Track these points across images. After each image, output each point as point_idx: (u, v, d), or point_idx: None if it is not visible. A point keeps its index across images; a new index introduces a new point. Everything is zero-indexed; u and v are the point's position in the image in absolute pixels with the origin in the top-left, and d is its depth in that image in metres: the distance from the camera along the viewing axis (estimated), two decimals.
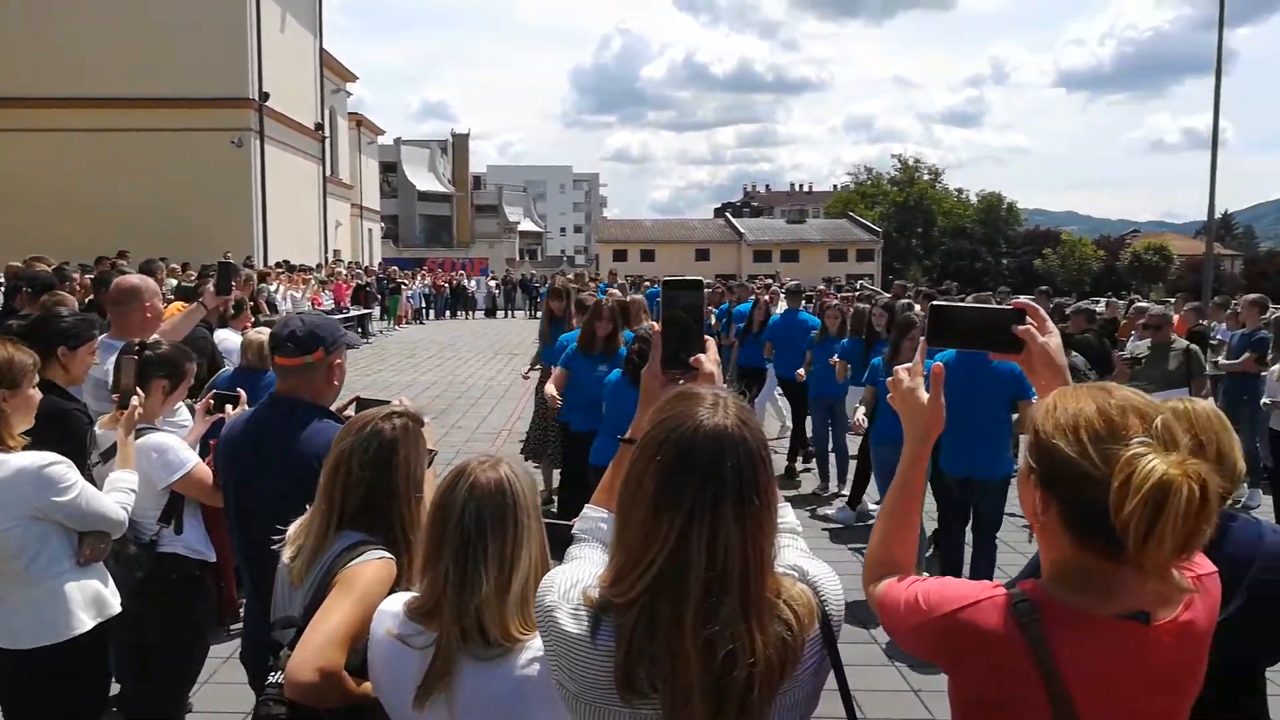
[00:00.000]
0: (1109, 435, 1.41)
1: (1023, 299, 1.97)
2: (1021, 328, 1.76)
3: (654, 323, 3.59)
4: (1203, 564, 1.57)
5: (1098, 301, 16.96)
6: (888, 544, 1.76)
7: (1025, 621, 1.43)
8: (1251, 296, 10.19)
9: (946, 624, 1.50)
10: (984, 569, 5.56)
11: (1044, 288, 17.18)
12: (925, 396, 1.75)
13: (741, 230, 70.92)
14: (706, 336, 1.90)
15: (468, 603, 1.86)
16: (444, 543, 1.90)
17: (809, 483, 9.31)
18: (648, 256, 65.38)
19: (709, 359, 1.83)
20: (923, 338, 1.87)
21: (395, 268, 37.75)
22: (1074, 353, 8.54)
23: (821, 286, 21.93)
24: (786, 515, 1.71)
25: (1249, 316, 9.52)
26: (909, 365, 1.80)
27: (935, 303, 1.89)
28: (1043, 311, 1.81)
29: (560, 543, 1.89)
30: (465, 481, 1.93)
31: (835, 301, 12.06)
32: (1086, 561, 1.45)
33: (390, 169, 63.65)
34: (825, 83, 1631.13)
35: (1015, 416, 5.63)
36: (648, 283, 23.52)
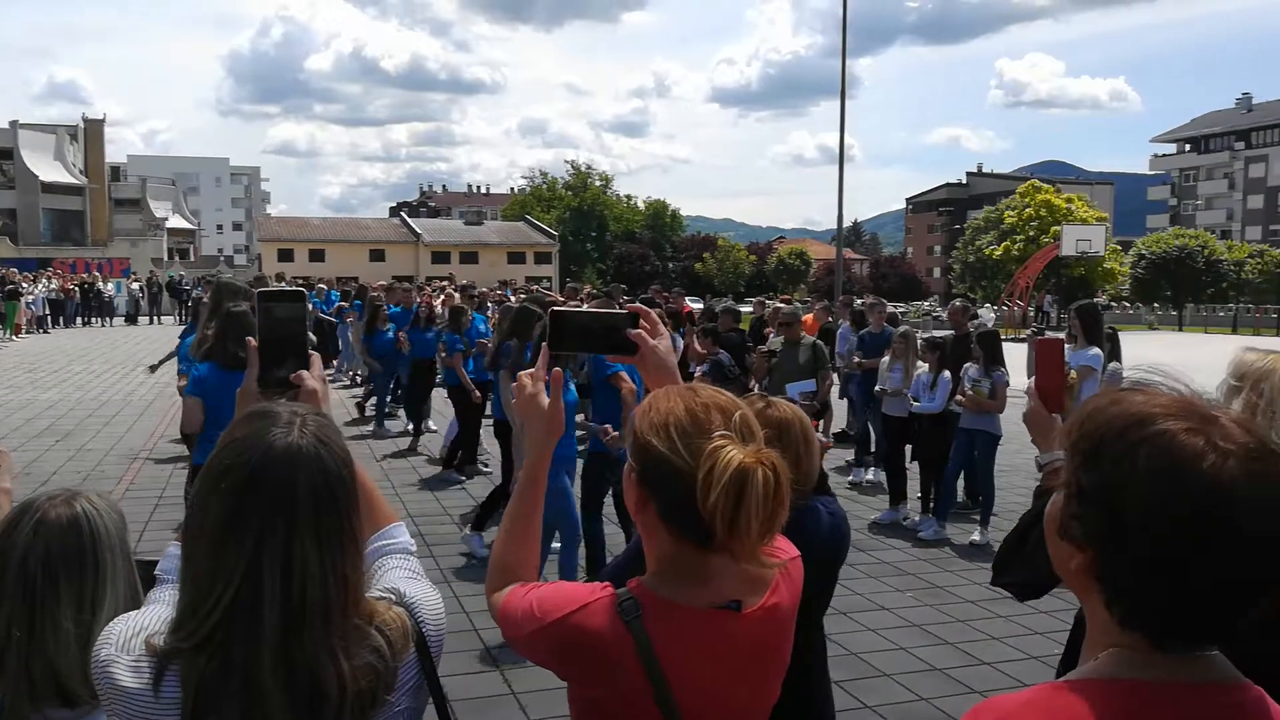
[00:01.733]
0: (695, 431, 1.47)
1: (688, 302, 2.03)
2: (634, 331, 1.83)
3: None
4: (787, 549, 1.68)
5: (749, 301, 18.49)
6: (510, 549, 1.74)
7: (629, 619, 1.47)
8: (871, 300, 11.57)
9: (558, 629, 1.51)
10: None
11: (677, 289, 18.57)
12: (546, 401, 1.76)
13: (418, 231, 69.63)
14: (313, 351, 1.78)
15: (37, 655, 1.68)
16: (2, 591, 1.71)
17: None
18: (317, 256, 62.26)
19: (312, 375, 1.73)
20: (544, 343, 1.88)
21: (13, 269, 33.04)
22: (720, 350, 9.21)
23: (498, 289, 21.97)
24: (399, 535, 1.65)
25: (875, 320, 10.71)
26: (532, 371, 1.80)
27: (554, 309, 1.92)
28: (654, 315, 1.89)
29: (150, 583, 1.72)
30: (30, 520, 1.76)
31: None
32: (684, 554, 1.50)
33: (6, 156, 55.76)
34: (500, 85, 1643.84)
35: None
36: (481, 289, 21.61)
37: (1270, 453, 0.99)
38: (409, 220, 74.74)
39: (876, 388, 9.08)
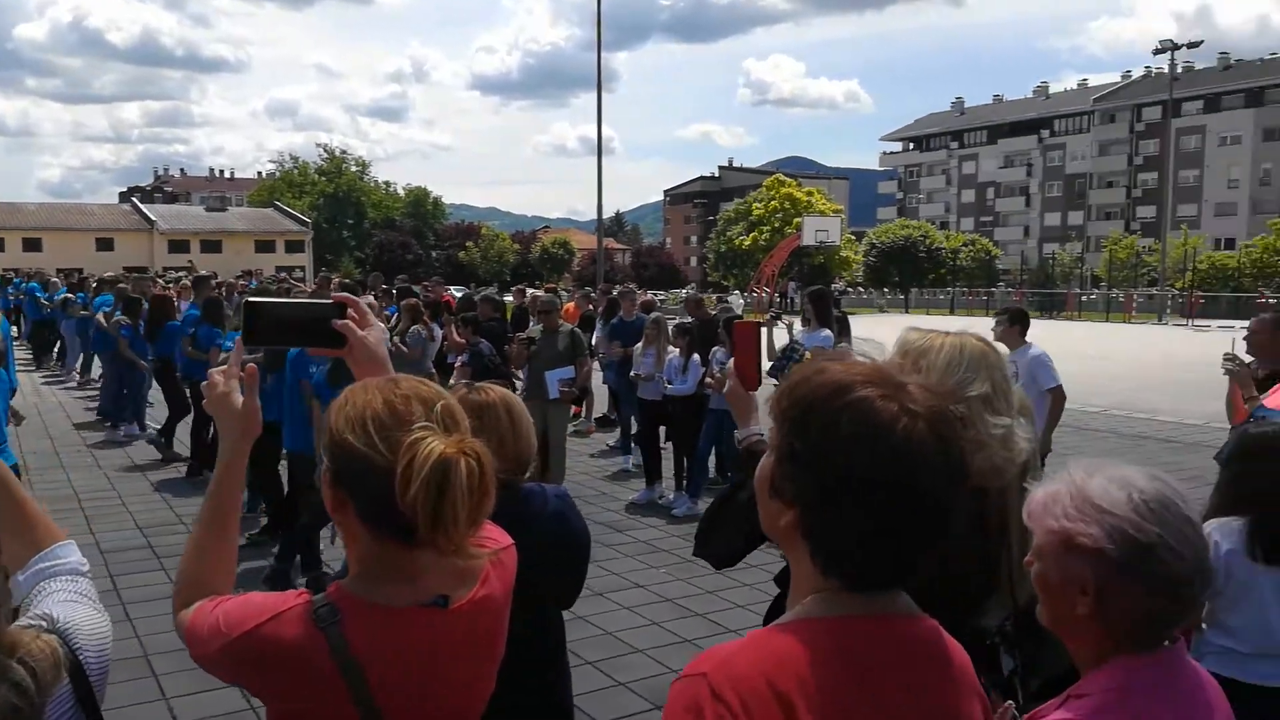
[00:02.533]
0: (394, 424, 1.42)
1: (451, 290, 1.96)
2: (340, 322, 1.74)
3: None
4: (499, 537, 1.68)
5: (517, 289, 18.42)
6: (201, 561, 1.63)
7: (325, 626, 1.41)
8: (621, 289, 11.90)
9: (249, 642, 1.43)
10: None
11: (436, 277, 18.29)
12: (240, 399, 1.67)
13: (153, 218, 64.15)
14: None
15: None
16: None
17: None
18: (33, 246, 56.00)
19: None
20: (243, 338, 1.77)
21: None
22: (480, 339, 9.15)
23: (240, 280, 20.66)
24: (66, 555, 1.53)
25: (627, 308, 11.00)
26: (223, 368, 1.69)
27: (249, 299, 1.78)
28: (363, 305, 1.80)
29: None
30: None
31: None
32: (386, 553, 1.45)
33: None
34: (244, 64, 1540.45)
35: None
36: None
37: (948, 416, 1.14)
38: (142, 206, 68.67)
39: (631, 373, 9.37)
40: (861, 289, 60.40)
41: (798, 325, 8.98)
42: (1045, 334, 29.43)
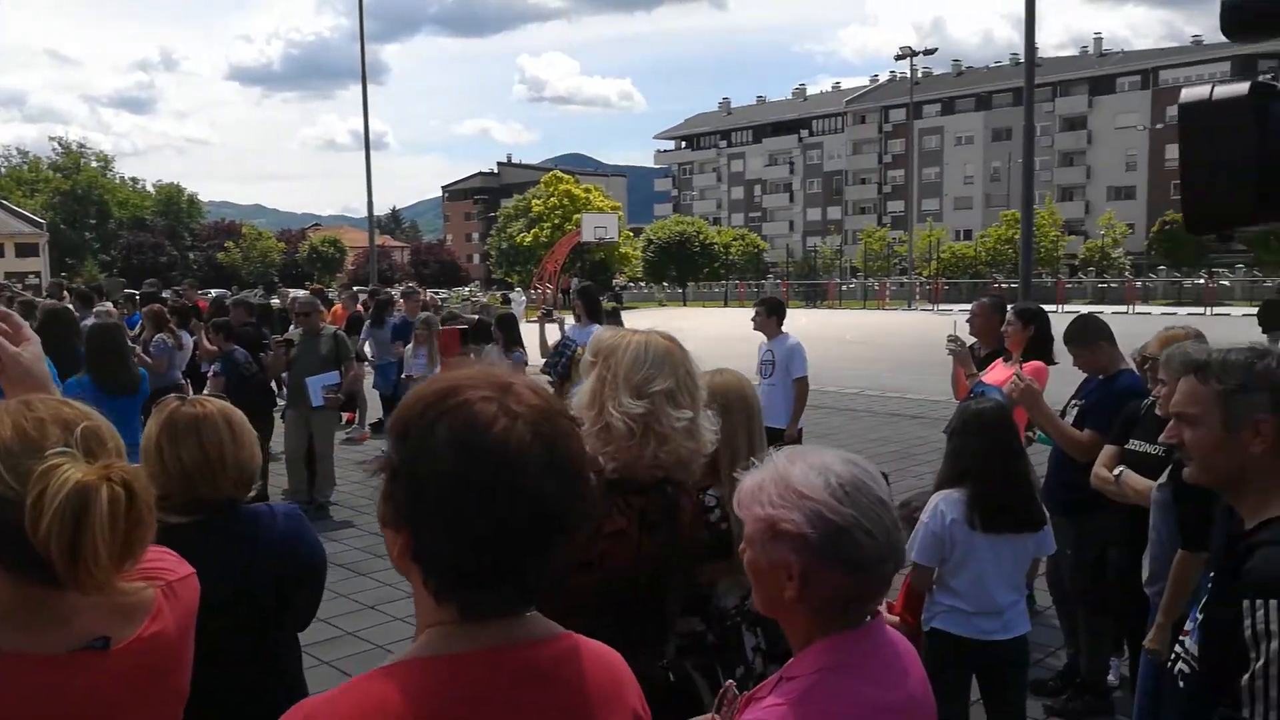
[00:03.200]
0: (24, 451, 1.27)
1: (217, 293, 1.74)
2: None
3: None
4: (177, 568, 1.54)
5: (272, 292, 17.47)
6: None
7: None
8: (405, 288, 11.55)
9: None
10: None
11: (188, 281, 17.09)
12: None
13: None
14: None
15: None
16: None
17: None
18: None
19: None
20: None
21: None
22: (235, 346, 8.56)
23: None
24: None
25: (410, 308, 10.70)
26: None
27: None
28: (17, 318, 1.64)
29: None
30: None
31: None
32: (30, 595, 1.29)
33: None
34: None
35: None
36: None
37: (556, 414, 1.09)
38: None
39: (404, 374, 9.08)
40: (642, 284, 61.83)
41: (570, 322, 9.02)
42: (810, 322, 31.19)
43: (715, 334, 24.47)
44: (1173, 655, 1.84)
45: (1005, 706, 3.42)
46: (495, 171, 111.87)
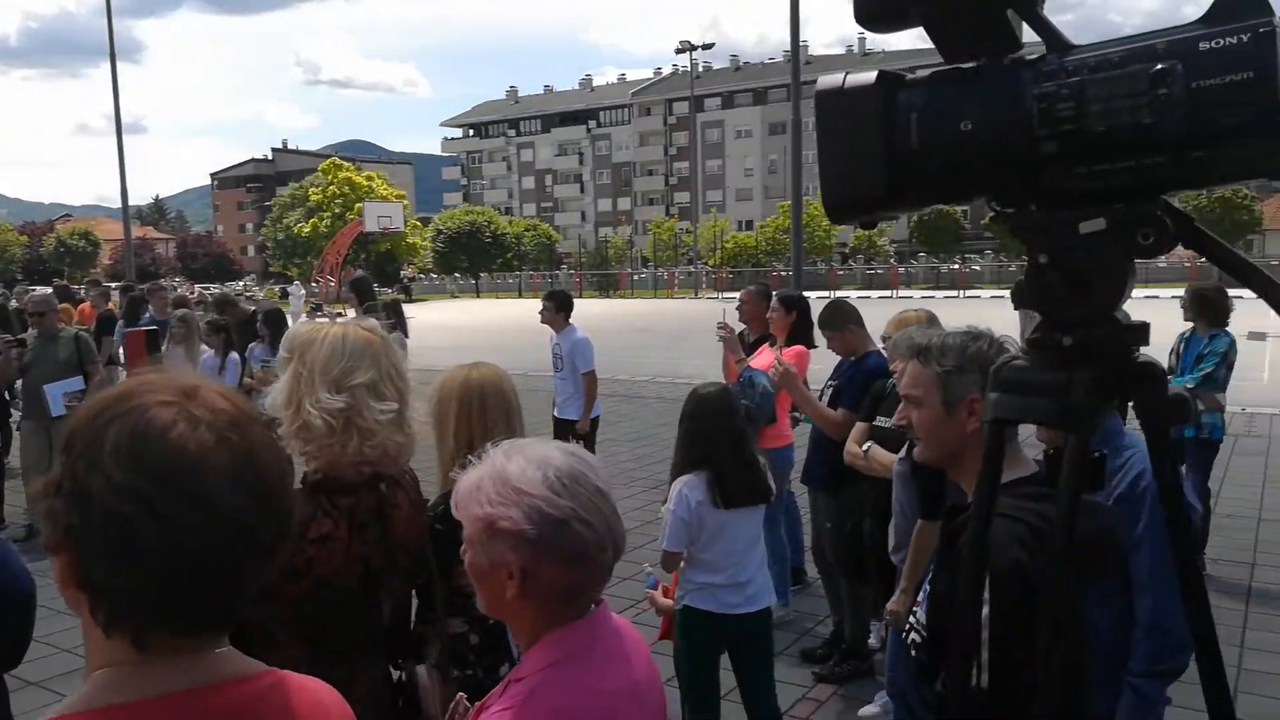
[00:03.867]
0: None
1: None
2: None
3: None
4: None
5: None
6: None
7: None
8: (151, 284, 10.65)
9: None
10: None
11: None
12: None
13: None
14: None
15: None
16: None
17: None
18: None
19: None
20: None
21: None
22: None
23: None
24: None
25: (158, 305, 9.87)
26: None
27: None
28: None
29: None
30: None
31: None
32: None
33: None
34: None
35: None
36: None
37: (248, 421, 0.98)
38: None
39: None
40: (433, 275, 60.45)
41: (349, 314, 8.65)
42: (603, 311, 31.54)
43: (513, 325, 24.37)
44: (906, 626, 1.94)
45: (753, 676, 3.60)
46: (270, 158, 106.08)
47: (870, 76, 1.11)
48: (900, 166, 1.09)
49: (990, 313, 5.75)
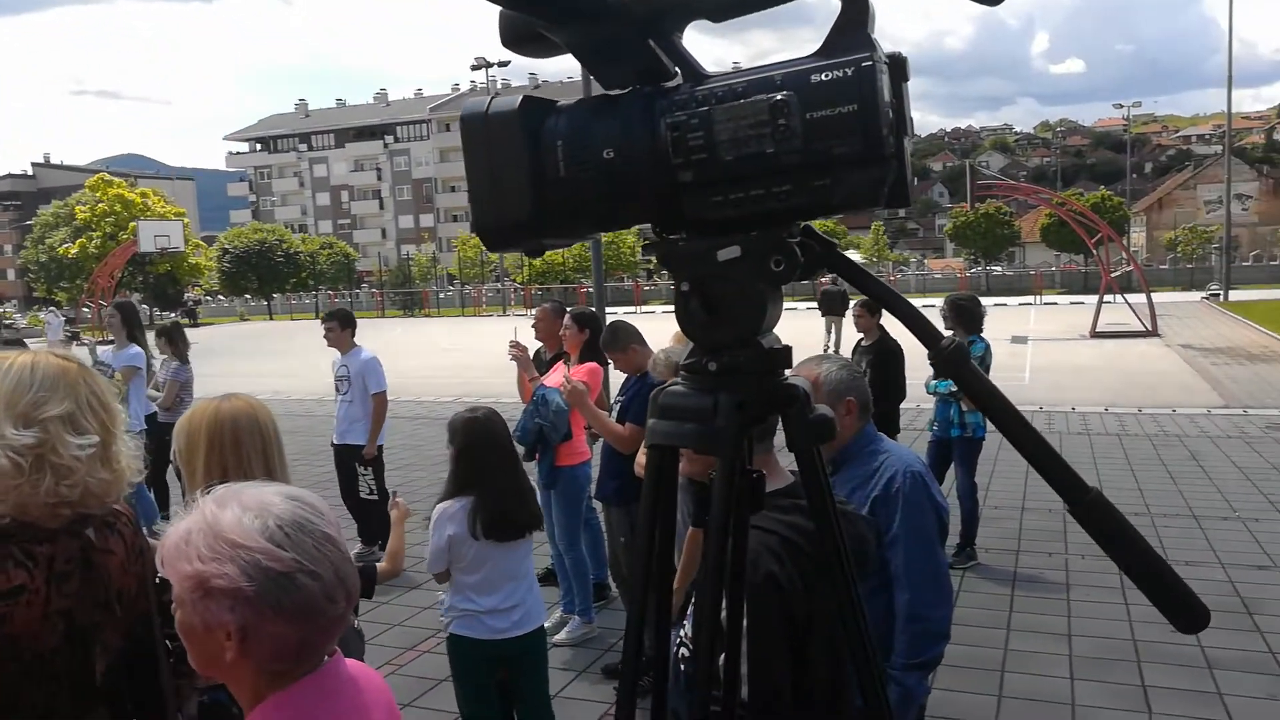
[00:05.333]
0: None
1: None
2: None
3: None
4: None
5: None
6: None
7: None
8: None
9: None
10: None
11: None
12: None
13: None
14: None
15: None
16: None
17: None
18: None
19: None
20: None
21: None
22: None
23: None
24: None
25: None
26: None
27: None
28: None
29: None
30: None
31: None
32: None
33: None
34: None
35: None
36: None
37: None
38: None
39: None
40: (220, 297, 56.94)
41: (107, 347, 7.95)
42: (406, 331, 30.84)
43: (305, 345, 23.23)
44: (675, 641, 1.93)
45: (531, 700, 3.55)
46: (30, 174, 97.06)
47: (514, 101, 1.08)
48: (548, 193, 1.08)
49: (782, 325, 5.99)
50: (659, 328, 4.97)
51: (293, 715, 1.25)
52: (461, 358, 22.69)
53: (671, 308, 1.20)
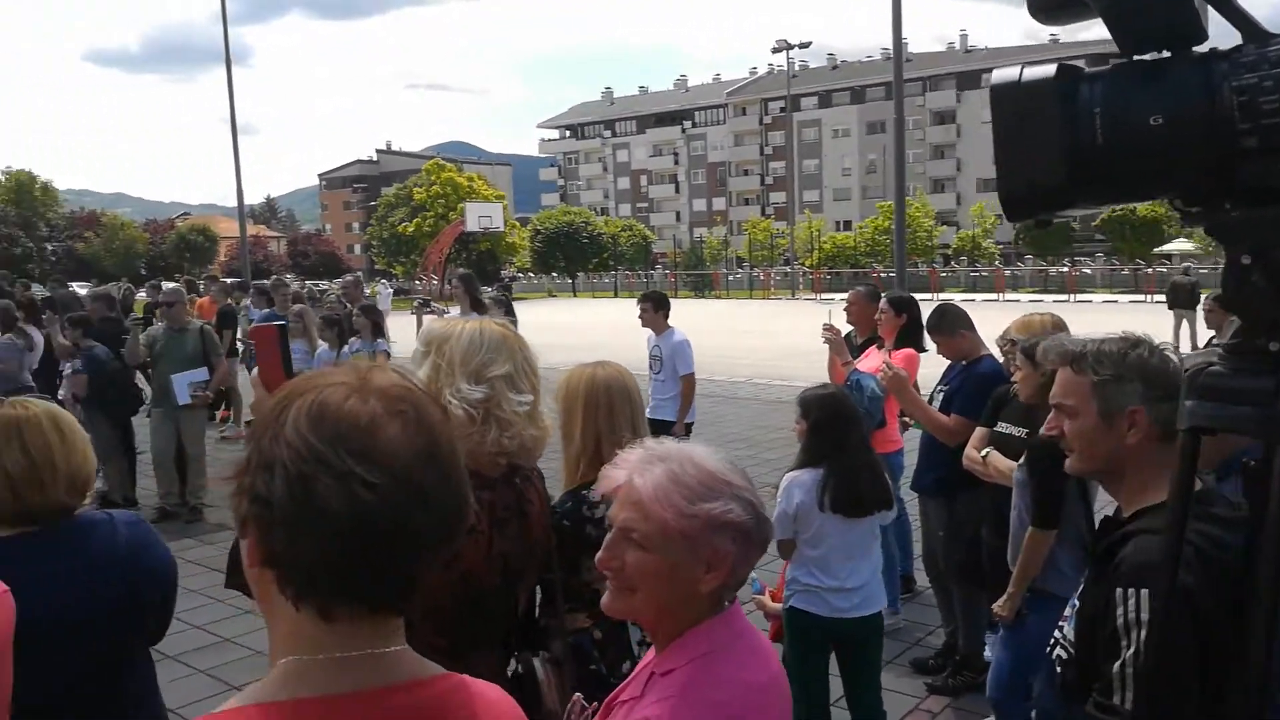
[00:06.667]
0: None
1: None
2: None
3: None
4: None
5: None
6: None
7: None
8: (275, 280, 11.08)
9: None
10: None
11: (21, 281, 16.06)
12: None
13: None
14: None
15: None
16: None
17: None
18: None
19: None
20: None
21: None
22: (94, 343, 8.08)
23: None
24: None
25: (280, 301, 10.30)
26: None
27: None
28: None
29: None
30: None
31: None
32: None
33: None
34: None
35: None
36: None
37: (422, 401, 0.99)
38: None
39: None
40: (530, 274, 61.31)
41: (455, 311, 8.87)
42: (698, 312, 31.55)
43: (609, 324, 24.46)
44: (1051, 641, 1.88)
45: (861, 681, 3.55)
46: (374, 159, 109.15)
47: (1049, 70, 1.07)
48: (1083, 162, 1.05)
49: (1104, 318, 5.52)
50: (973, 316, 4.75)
51: (713, 646, 1.38)
52: (752, 340, 22.93)
53: (970, 295, 1.15)
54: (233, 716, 0.92)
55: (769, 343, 21.94)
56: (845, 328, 5.74)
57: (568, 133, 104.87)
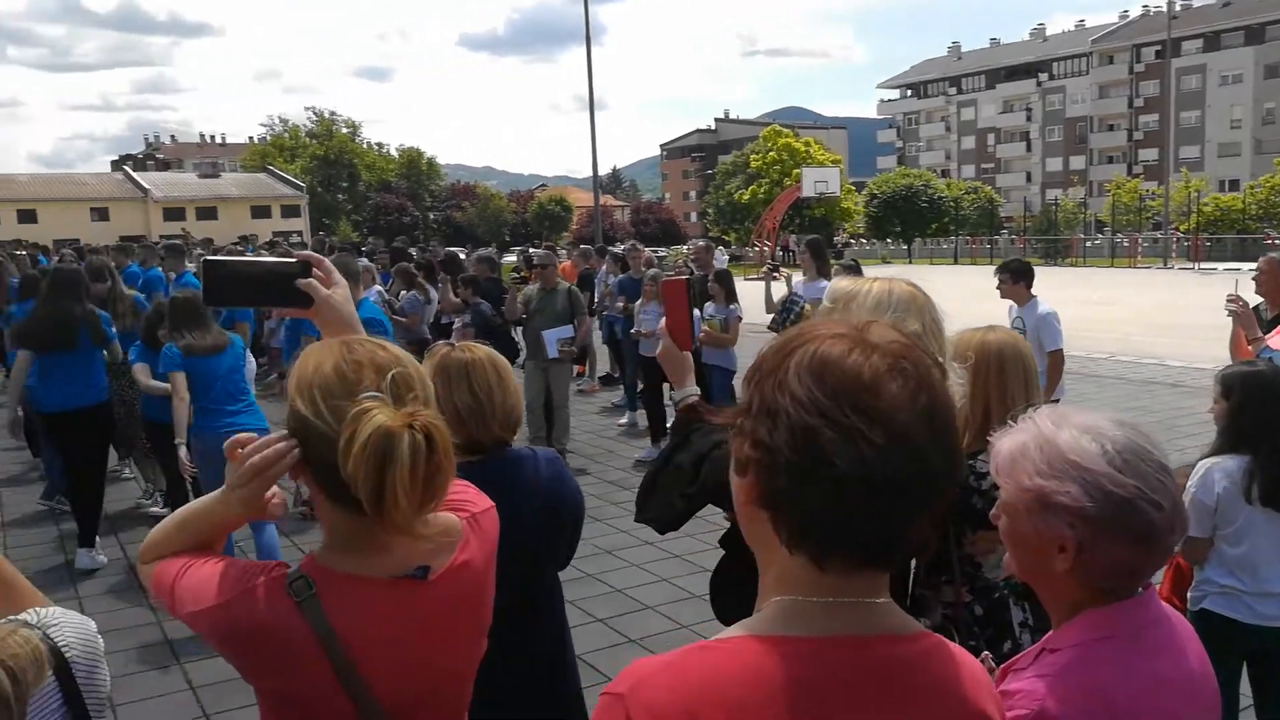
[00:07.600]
0: (341, 391, 1.35)
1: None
2: (305, 281, 1.70)
3: None
4: (478, 500, 1.62)
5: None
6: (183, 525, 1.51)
7: (302, 599, 1.36)
8: (627, 246, 11.84)
9: (220, 616, 1.38)
10: None
11: (434, 243, 18.04)
12: None
13: (146, 186, 63.72)
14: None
15: None
16: None
17: None
18: (27, 218, 55.81)
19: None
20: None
21: None
22: (480, 299, 9.08)
23: (236, 245, 20.33)
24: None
25: (635, 264, 10.93)
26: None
27: (206, 258, 1.74)
28: (328, 263, 1.77)
29: None
30: None
31: None
32: (352, 523, 1.38)
33: None
34: (227, 27, 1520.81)
35: None
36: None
37: (914, 349, 1.00)
38: (134, 175, 68.13)
39: (632, 330, 9.30)
40: (864, 240, 60.03)
41: (798, 277, 8.90)
42: (1050, 281, 29.45)
43: (955, 293, 23.34)
44: None
45: (1272, 700, 3.14)
46: (712, 128, 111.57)
47: None
48: None
49: None
50: None
51: (1108, 631, 1.29)
52: (1115, 311, 20.85)
53: None
54: (730, 644, 0.99)
55: (1137, 316, 19.86)
56: (1253, 300, 5.07)
57: (909, 91, 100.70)
